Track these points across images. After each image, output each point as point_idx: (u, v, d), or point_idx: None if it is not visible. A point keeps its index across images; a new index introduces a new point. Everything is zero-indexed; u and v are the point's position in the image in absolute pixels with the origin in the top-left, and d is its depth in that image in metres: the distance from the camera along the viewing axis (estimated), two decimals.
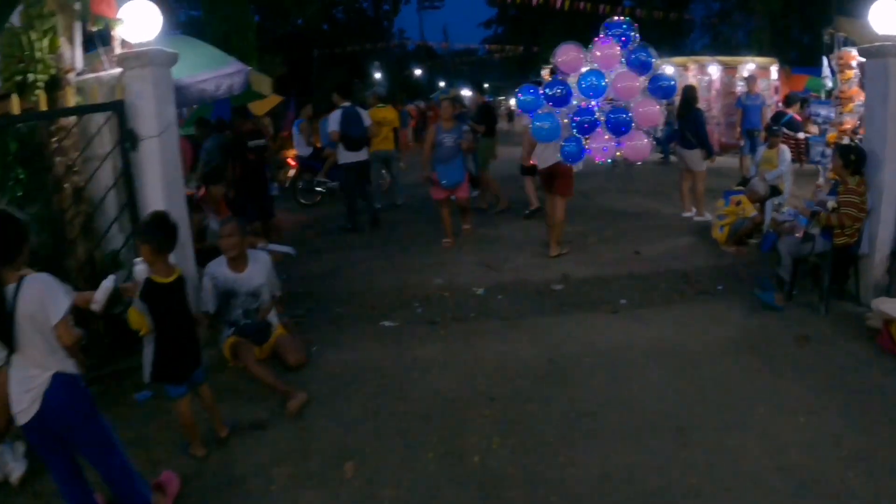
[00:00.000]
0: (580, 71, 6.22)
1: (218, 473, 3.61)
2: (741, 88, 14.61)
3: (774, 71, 15.74)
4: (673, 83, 6.53)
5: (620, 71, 6.19)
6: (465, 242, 8.13)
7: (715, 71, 15.85)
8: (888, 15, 5.28)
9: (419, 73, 46.78)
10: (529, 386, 4.41)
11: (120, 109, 4.73)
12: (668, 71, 12.85)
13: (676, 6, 29.19)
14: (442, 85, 47.28)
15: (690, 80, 14.47)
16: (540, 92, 6.40)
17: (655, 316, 5.57)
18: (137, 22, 4.76)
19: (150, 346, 3.63)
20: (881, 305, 4.81)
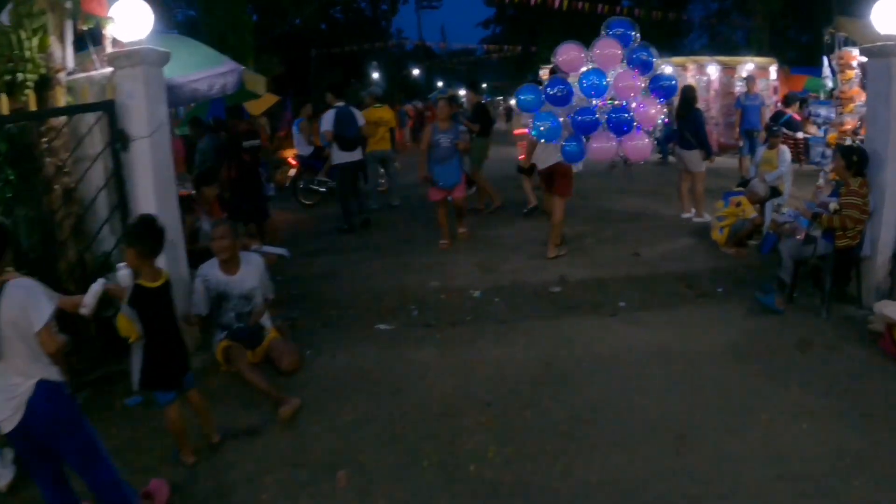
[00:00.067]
0: (581, 70, 6.17)
1: (208, 481, 3.55)
2: (740, 89, 14.57)
3: (773, 71, 15.71)
4: (674, 82, 6.48)
5: (621, 70, 6.13)
6: (461, 244, 8.07)
7: (714, 71, 15.81)
8: (891, 14, 5.20)
9: (417, 73, 46.70)
10: (526, 391, 4.33)
11: (110, 109, 4.67)
12: (666, 71, 12.79)
13: (675, 6, 29.12)
14: (440, 85, 47.28)
15: (689, 80, 14.40)
16: (540, 91, 6.34)
17: (654, 319, 5.50)
18: (129, 20, 4.69)
19: (138, 352, 3.56)
20: (884, 309, 4.74)
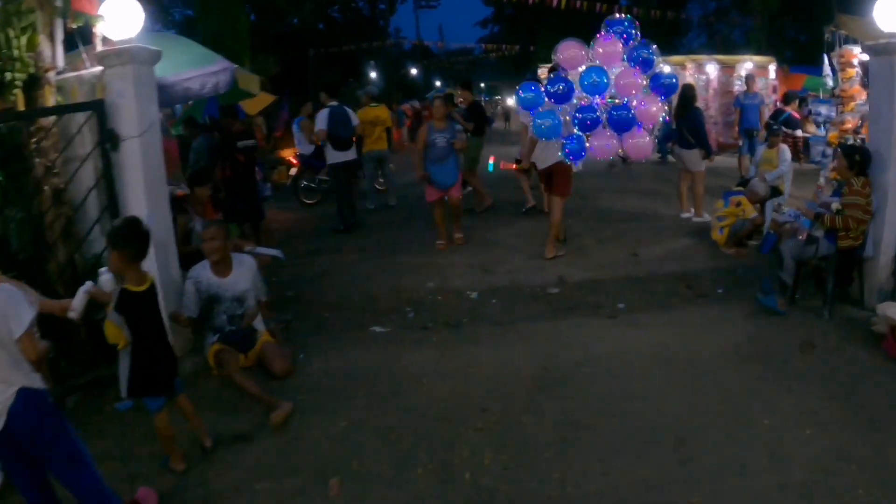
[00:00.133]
0: (581, 68, 6.10)
1: (197, 490, 3.46)
2: (739, 87, 14.49)
3: (772, 70, 15.64)
4: (674, 80, 6.42)
5: (622, 68, 6.06)
6: (458, 246, 7.95)
7: (712, 70, 15.75)
8: (894, 11, 5.13)
9: (415, 72, 46.59)
10: (523, 396, 4.25)
11: (100, 109, 4.60)
12: (665, 70, 12.71)
13: (673, 5, 29.00)
14: (438, 84, 47.19)
15: (688, 79, 14.33)
16: (541, 89, 6.28)
17: (654, 321, 5.41)
18: (119, 18, 4.62)
19: (125, 359, 3.47)
20: (887, 310, 4.67)
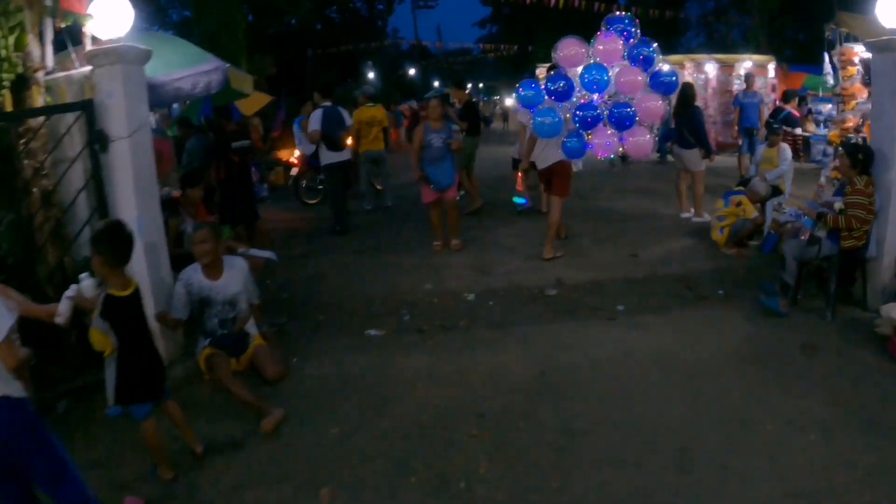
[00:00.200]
0: (581, 66, 6.03)
1: (185, 498, 3.37)
2: (738, 87, 14.41)
3: (771, 69, 15.55)
4: (675, 78, 6.34)
5: (623, 66, 6.00)
6: (455, 251, 7.83)
7: (711, 69, 15.67)
8: None
9: (413, 72, 46.50)
10: (520, 401, 4.16)
11: (89, 109, 4.51)
12: (665, 69, 12.64)
13: (672, 4, 28.97)
14: (436, 84, 47.07)
15: (687, 78, 14.24)
16: (542, 87, 6.20)
17: (654, 323, 5.33)
18: (108, 17, 4.52)
19: (112, 366, 3.37)
20: (891, 312, 4.60)
